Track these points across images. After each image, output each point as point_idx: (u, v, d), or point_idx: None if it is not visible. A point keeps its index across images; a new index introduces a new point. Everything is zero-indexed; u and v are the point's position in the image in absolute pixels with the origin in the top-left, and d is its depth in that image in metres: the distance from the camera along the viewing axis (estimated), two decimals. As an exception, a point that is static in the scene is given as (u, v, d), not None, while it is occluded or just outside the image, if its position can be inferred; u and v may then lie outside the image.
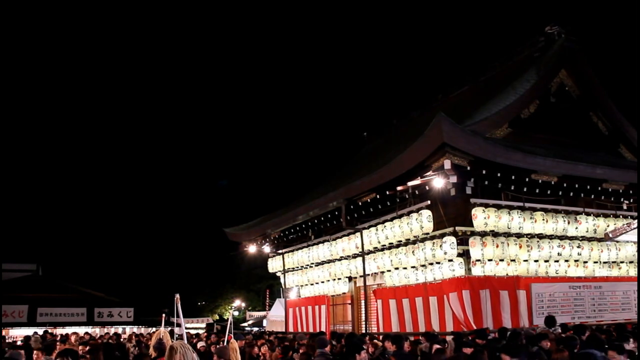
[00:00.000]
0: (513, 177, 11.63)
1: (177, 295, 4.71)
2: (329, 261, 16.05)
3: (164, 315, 8.60)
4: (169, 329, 10.44)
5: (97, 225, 55.50)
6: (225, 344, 6.68)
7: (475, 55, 56.50)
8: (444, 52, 63.86)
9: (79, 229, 53.87)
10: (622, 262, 13.75)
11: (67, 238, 50.29)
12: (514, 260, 12.06)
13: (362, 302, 14.84)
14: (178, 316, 4.54)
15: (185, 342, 3.98)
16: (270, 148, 77.90)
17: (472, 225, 11.59)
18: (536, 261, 12.30)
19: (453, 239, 11.51)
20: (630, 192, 13.16)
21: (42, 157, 68.08)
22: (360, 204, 13.47)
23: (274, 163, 73.44)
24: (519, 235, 12.15)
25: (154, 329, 22.10)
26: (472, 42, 60.74)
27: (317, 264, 16.76)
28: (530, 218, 12.10)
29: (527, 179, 11.76)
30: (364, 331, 13.78)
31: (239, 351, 6.60)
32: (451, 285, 11.60)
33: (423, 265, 12.43)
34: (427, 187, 11.33)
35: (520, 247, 12.03)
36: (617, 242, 13.23)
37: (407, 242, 12.83)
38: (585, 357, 2.51)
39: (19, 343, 13.47)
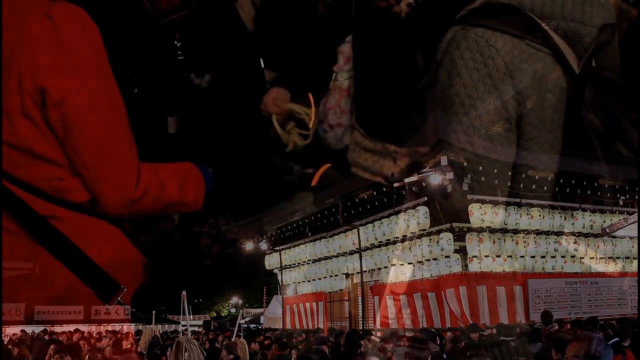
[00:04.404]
0: (509, 173, 11.63)
1: (184, 293, 4.73)
2: (326, 258, 16.05)
3: (154, 312, 8.60)
4: (159, 326, 10.43)
5: (94, 223, 55.24)
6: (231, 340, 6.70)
7: (472, 52, 56.43)
8: (441, 48, 63.67)
9: (76, 227, 53.59)
10: (618, 257, 13.78)
11: (63, 236, 50.05)
12: (510, 257, 12.06)
13: (360, 298, 14.83)
14: (184, 313, 4.57)
15: (190, 337, 4.01)
16: (268, 145, 77.67)
17: (468, 222, 11.58)
18: (533, 257, 12.32)
19: (450, 236, 11.50)
20: (627, 188, 13.19)
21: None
22: (357, 200, 13.46)
23: (271, 160, 73.25)
24: (515, 232, 12.16)
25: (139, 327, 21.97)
26: (468, 39, 60.62)
27: (314, 261, 16.75)
28: (527, 214, 12.12)
29: (523, 175, 11.76)
30: (361, 328, 13.79)
31: (247, 350, 6.60)
32: (448, 282, 11.60)
33: (420, 262, 12.43)
34: (423, 184, 11.33)
35: (517, 243, 12.04)
36: (614, 237, 13.27)
37: (404, 239, 12.81)
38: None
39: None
